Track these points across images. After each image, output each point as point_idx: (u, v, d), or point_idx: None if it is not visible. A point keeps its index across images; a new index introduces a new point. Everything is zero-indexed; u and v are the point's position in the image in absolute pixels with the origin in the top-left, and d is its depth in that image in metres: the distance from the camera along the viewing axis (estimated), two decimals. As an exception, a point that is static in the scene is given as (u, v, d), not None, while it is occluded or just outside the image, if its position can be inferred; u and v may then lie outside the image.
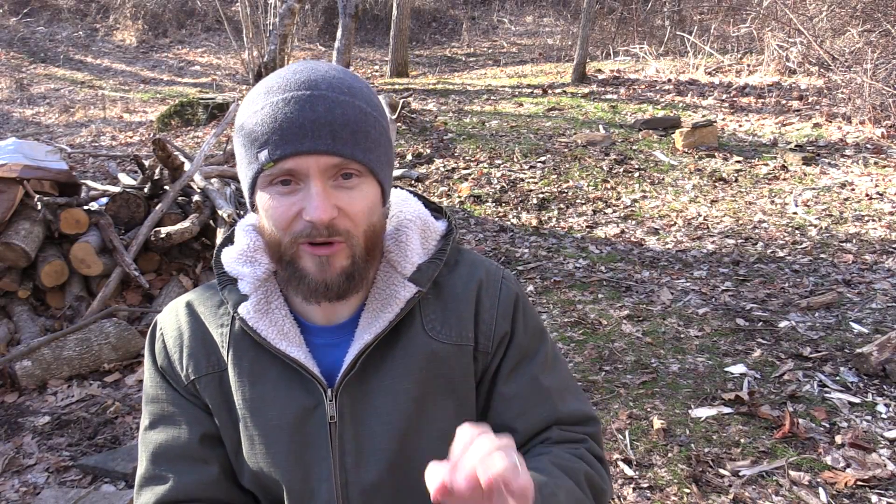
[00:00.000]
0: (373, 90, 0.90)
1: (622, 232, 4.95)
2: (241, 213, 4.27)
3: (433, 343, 0.96)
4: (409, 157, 6.45)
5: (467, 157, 6.34)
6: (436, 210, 1.05)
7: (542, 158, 6.28)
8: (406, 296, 0.93)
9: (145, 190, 3.97)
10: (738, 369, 2.96)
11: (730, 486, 2.22)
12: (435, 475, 0.67)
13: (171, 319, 1.02)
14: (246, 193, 0.91)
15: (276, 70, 0.91)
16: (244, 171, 0.88)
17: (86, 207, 3.66)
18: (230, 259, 0.98)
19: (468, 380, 0.98)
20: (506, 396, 0.98)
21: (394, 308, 0.93)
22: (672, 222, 5.09)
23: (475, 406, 1.00)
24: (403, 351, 0.95)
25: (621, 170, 6.06)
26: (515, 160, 6.25)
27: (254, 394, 0.95)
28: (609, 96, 8.61)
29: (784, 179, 5.80)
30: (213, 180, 4.26)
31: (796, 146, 6.40)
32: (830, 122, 6.93)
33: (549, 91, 9.02)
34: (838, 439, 2.42)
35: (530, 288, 4.01)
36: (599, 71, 10.02)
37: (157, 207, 3.78)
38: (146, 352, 1.03)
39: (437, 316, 0.97)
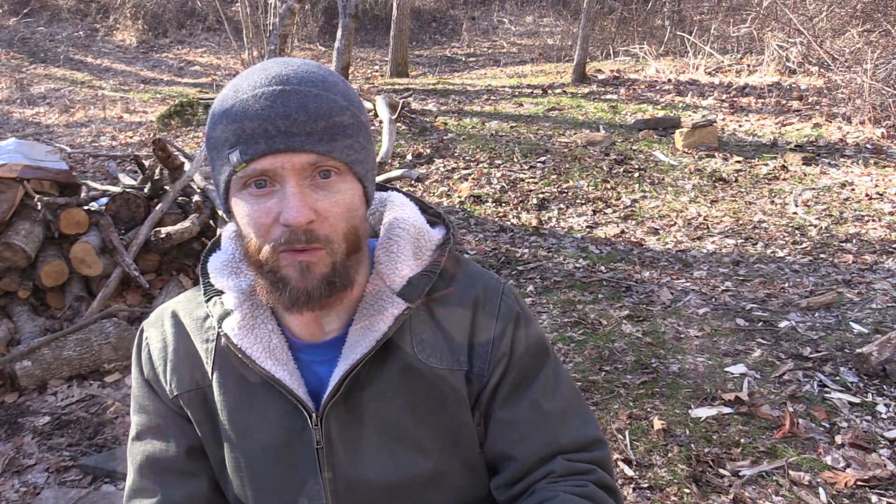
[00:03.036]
0: (349, 84, 0.85)
1: (622, 232, 4.95)
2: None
3: (422, 366, 0.89)
4: (409, 157, 6.45)
5: (467, 158, 6.34)
6: (435, 216, 0.98)
7: (542, 158, 6.28)
8: (394, 312, 0.86)
9: (145, 190, 3.97)
10: (738, 369, 2.96)
11: (730, 486, 2.22)
12: None
13: (156, 329, 0.97)
14: (221, 200, 0.85)
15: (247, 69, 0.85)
16: (217, 176, 0.82)
17: (86, 207, 3.66)
18: (215, 268, 0.93)
19: (462, 403, 0.92)
20: (504, 422, 0.92)
21: (381, 326, 0.86)
22: (672, 222, 5.09)
23: (474, 428, 0.95)
24: (390, 373, 0.89)
25: (621, 170, 6.06)
26: (515, 160, 6.25)
27: (239, 415, 0.91)
28: (609, 96, 8.61)
29: (784, 179, 5.80)
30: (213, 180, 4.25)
31: (796, 146, 6.40)
32: (830, 122, 6.92)
33: (549, 91, 9.02)
34: (838, 439, 2.42)
35: (530, 288, 4.01)
36: (599, 71, 10.02)
37: (157, 207, 3.78)
38: (133, 359, 0.99)
39: (427, 336, 0.90)
